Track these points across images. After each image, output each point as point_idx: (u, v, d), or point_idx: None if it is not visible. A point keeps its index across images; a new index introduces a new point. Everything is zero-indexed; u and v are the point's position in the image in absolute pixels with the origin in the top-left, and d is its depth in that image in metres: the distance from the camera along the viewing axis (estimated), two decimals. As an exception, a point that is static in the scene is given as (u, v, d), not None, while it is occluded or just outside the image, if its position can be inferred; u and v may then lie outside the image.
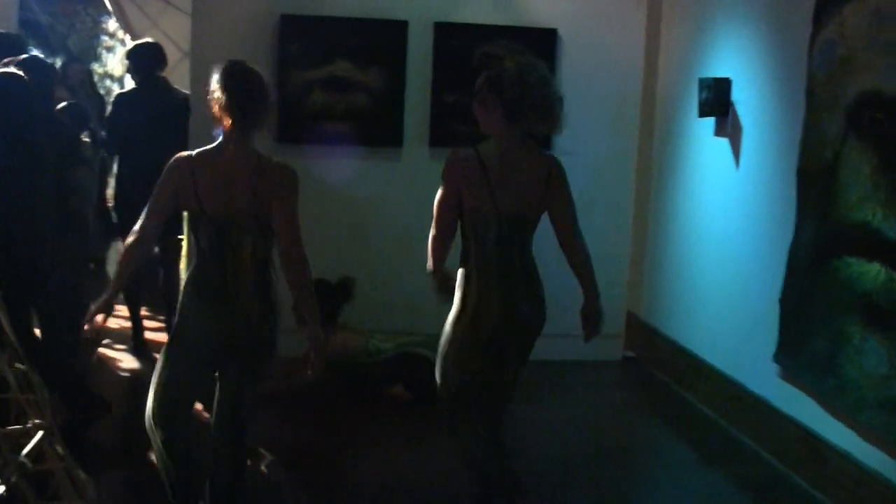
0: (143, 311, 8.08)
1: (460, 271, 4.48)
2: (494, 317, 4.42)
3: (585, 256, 4.73)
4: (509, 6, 7.72)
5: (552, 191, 4.49)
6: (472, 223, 4.44)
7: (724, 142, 6.79)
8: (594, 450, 6.19)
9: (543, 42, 7.64)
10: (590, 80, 7.81)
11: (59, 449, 2.36)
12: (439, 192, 4.51)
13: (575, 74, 7.71)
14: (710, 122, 6.95)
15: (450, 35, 7.58)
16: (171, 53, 8.96)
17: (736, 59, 6.66)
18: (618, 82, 7.92)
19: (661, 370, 7.75)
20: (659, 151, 8.01)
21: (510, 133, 4.43)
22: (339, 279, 6.79)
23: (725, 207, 6.78)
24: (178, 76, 9.00)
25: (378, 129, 7.56)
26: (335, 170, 7.45)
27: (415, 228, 7.31)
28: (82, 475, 2.46)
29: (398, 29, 7.55)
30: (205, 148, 4.30)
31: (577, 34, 7.79)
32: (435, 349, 6.49)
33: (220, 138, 4.30)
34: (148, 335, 7.86)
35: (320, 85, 7.44)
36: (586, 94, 7.72)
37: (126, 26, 9.24)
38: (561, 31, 7.77)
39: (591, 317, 4.80)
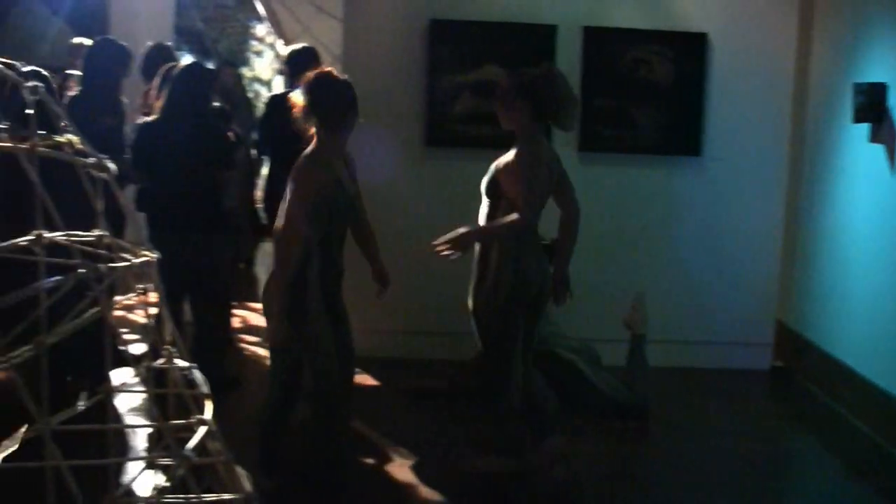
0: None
1: (496, 246, 5.12)
2: (534, 282, 5.15)
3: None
4: (659, 10, 7.66)
5: (563, 179, 5.34)
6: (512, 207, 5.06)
7: (879, 148, 6.64)
8: (740, 459, 6.11)
9: (693, 46, 7.59)
10: (740, 84, 7.72)
11: (218, 443, 2.42)
12: (532, 186, 5.02)
13: (725, 79, 7.64)
14: (864, 127, 6.80)
15: (599, 39, 7.57)
16: (322, 58, 9.12)
17: (892, 64, 6.50)
18: (769, 87, 7.79)
19: (811, 380, 7.59)
20: (810, 157, 7.86)
21: (536, 131, 5.18)
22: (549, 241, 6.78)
23: (880, 215, 6.62)
24: (328, 80, 9.13)
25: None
26: (482, 174, 7.48)
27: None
28: (239, 469, 2.52)
29: (547, 33, 7.55)
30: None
31: (728, 38, 7.69)
32: (583, 355, 6.54)
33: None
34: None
35: (469, 89, 7.49)
36: (736, 99, 7.65)
37: (278, 31, 9.42)
38: (711, 36, 7.68)
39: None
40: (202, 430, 2.22)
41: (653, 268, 7.64)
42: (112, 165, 2.21)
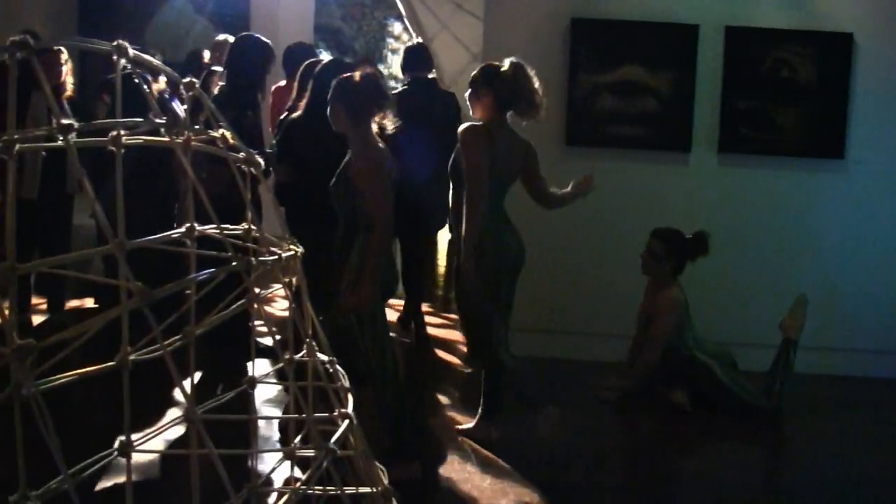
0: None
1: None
2: (512, 254, 5.68)
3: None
4: (804, 10, 7.48)
5: (531, 161, 5.85)
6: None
7: None
8: (878, 470, 5.93)
9: (838, 46, 7.41)
10: (887, 86, 7.50)
11: (358, 437, 2.43)
12: (476, 160, 5.44)
13: (871, 80, 7.44)
14: None
15: (741, 39, 7.44)
16: (461, 56, 9.16)
17: None
18: (918, 89, 7.54)
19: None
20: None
21: (500, 118, 5.63)
22: (696, 232, 6.70)
23: None
24: (466, 79, 9.15)
25: (666, 133, 7.48)
26: (622, 173, 7.44)
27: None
28: (377, 463, 2.53)
29: (689, 33, 7.45)
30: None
31: (875, 39, 7.48)
32: (719, 359, 6.44)
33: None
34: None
35: (609, 88, 7.42)
36: (881, 101, 7.44)
37: (417, 29, 9.47)
38: (857, 36, 7.47)
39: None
40: (345, 424, 2.23)
41: (793, 271, 7.47)
42: (261, 160, 2.24)
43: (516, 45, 7.45)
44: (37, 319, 7.72)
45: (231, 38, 7.72)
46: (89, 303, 8.52)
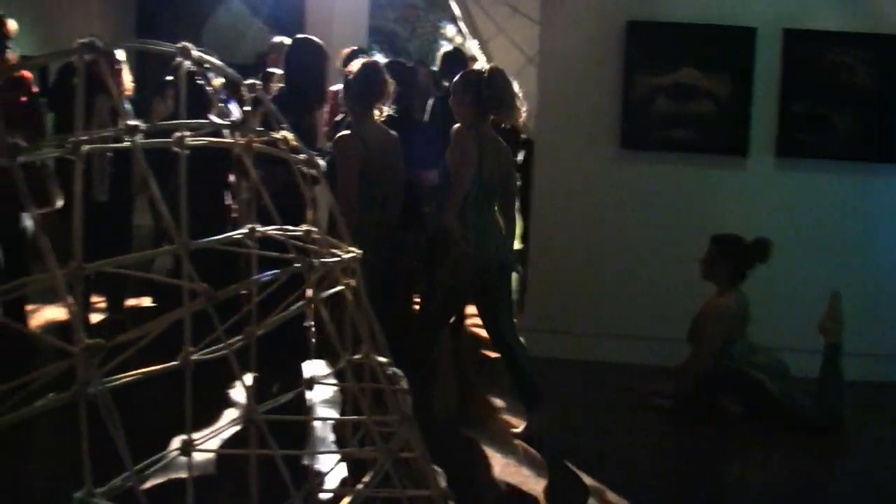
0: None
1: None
2: (491, 256, 5.79)
3: None
4: (862, 12, 7.38)
5: (510, 169, 6.03)
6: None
7: None
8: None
9: (898, 50, 7.31)
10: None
11: (417, 440, 2.43)
12: (461, 161, 5.66)
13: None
14: None
15: (800, 42, 7.35)
16: (516, 59, 9.11)
17: None
18: None
19: None
20: None
21: (484, 123, 5.80)
22: (756, 238, 6.64)
23: None
24: (522, 81, 9.14)
25: (723, 137, 7.41)
26: (677, 177, 7.39)
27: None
28: (434, 466, 2.52)
29: (746, 36, 7.37)
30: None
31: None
32: (770, 371, 6.36)
33: None
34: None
35: (665, 91, 7.37)
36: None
37: (472, 31, 9.45)
38: (922, 38, 7.35)
39: None
40: (405, 427, 2.23)
41: (848, 276, 7.35)
42: (321, 162, 2.25)
43: (572, 47, 7.45)
44: (94, 318, 7.80)
45: (287, 41, 7.75)
46: (146, 302, 8.60)
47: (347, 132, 5.81)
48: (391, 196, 5.93)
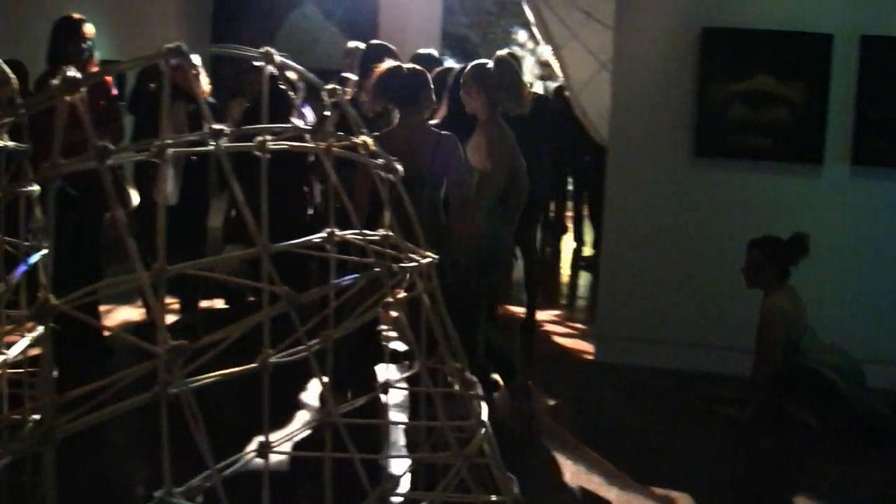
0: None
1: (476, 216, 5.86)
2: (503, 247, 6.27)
3: None
4: (944, 18, 7.25)
5: (518, 159, 6.26)
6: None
7: None
8: None
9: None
10: None
11: (491, 446, 2.43)
12: (493, 153, 5.97)
13: None
14: None
15: (878, 49, 7.23)
16: (589, 65, 9.11)
17: None
18: None
19: None
20: None
21: (494, 114, 6.05)
22: (793, 234, 6.57)
23: None
24: (594, 87, 9.14)
25: (798, 145, 7.30)
26: (751, 185, 7.32)
27: (836, 250, 7.06)
28: (507, 472, 2.52)
29: (822, 42, 7.26)
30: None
31: None
32: (844, 374, 6.25)
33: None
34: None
35: (740, 98, 7.29)
36: None
37: (545, 36, 9.44)
38: None
39: None
40: (482, 432, 2.23)
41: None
42: (400, 168, 2.26)
43: (646, 53, 7.41)
44: (168, 320, 7.90)
45: (362, 46, 7.80)
46: (219, 304, 8.70)
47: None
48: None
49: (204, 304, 8.40)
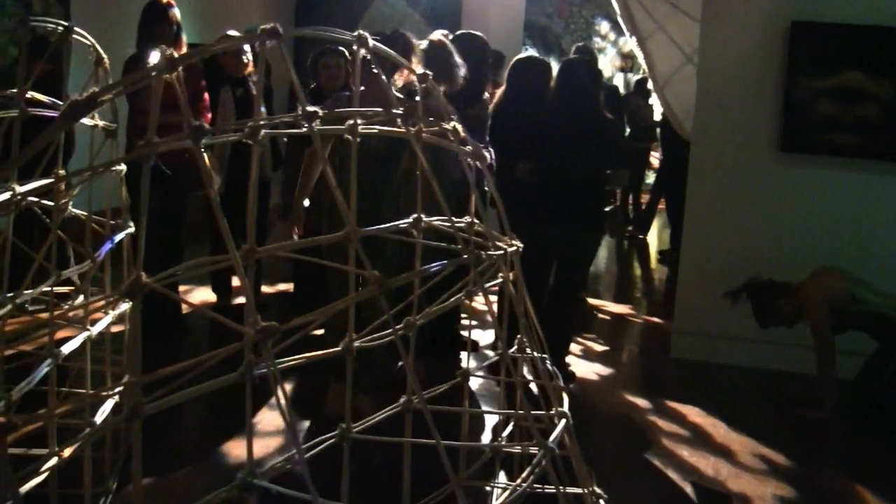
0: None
1: None
2: None
3: None
4: None
5: None
6: None
7: None
8: None
9: None
10: None
11: (572, 437, 2.41)
12: None
13: None
14: None
15: (971, 46, 7.06)
16: (674, 57, 9.02)
17: None
18: None
19: None
20: None
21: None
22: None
23: None
24: (679, 80, 9.05)
25: (886, 142, 7.13)
26: (838, 182, 7.19)
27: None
28: (584, 465, 2.51)
29: (914, 39, 7.11)
30: None
31: None
32: None
33: None
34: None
35: (828, 94, 7.15)
36: None
37: (630, 28, 9.37)
38: None
39: None
40: (563, 423, 2.22)
41: None
42: (488, 154, 2.25)
43: (732, 46, 7.31)
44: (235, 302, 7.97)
45: (448, 35, 7.78)
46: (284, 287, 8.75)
47: None
48: None
49: (265, 288, 8.49)
